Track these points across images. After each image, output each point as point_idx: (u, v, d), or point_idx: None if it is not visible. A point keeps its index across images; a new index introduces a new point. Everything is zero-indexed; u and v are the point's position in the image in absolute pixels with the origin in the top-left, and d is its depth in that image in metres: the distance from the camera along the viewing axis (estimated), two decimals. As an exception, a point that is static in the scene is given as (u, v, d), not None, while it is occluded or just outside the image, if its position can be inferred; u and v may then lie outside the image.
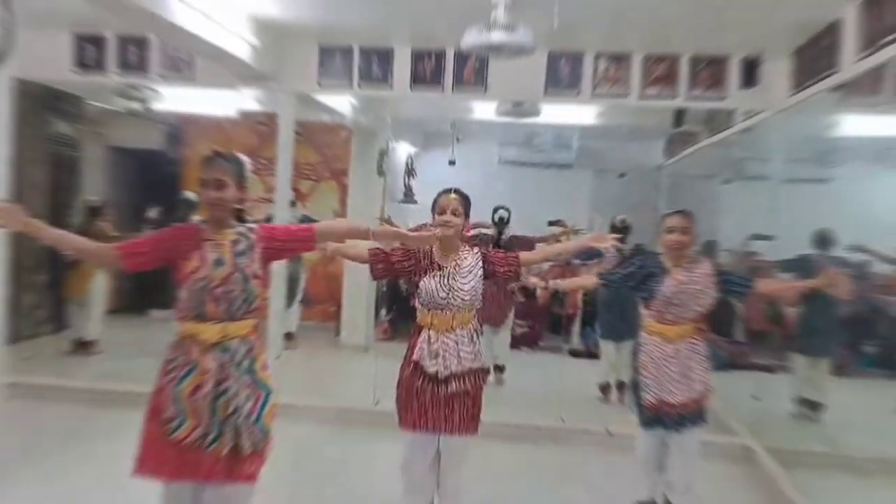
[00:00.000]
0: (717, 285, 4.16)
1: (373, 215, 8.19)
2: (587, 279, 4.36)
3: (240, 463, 2.98)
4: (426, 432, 3.78)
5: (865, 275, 6.10)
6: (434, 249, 3.83)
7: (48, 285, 7.41)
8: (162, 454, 2.99)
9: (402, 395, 3.82)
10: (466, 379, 3.74)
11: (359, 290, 8.63)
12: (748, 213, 6.81)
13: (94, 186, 8.06)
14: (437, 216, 3.80)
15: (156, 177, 9.08)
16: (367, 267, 3.90)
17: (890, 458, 4.14)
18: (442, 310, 3.74)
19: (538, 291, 5.50)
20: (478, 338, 3.85)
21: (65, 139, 7.66)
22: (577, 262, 7.04)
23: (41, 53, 5.97)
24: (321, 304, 9.32)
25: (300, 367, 7.51)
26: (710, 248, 7.78)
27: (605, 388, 6.97)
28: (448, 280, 3.73)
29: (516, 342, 7.80)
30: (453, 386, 3.71)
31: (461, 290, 3.72)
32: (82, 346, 7.62)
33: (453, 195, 3.82)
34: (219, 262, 2.98)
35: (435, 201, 3.86)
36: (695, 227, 4.21)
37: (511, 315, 7.45)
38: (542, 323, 9.11)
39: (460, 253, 3.82)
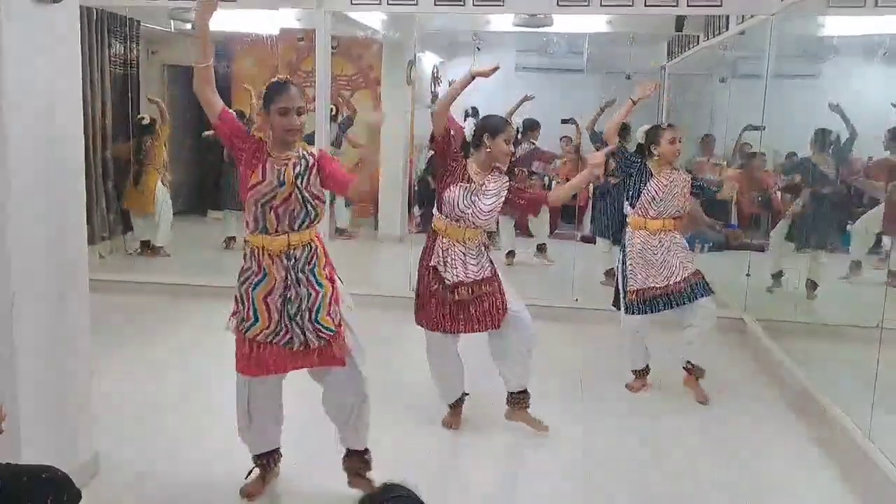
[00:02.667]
0: (692, 190, 4.42)
1: (404, 119, 8.28)
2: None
3: (326, 352, 3.06)
4: (444, 332, 3.82)
5: (850, 161, 6.08)
6: (473, 165, 3.78)
7: (114, 192, 7.53)
8: (241, 353, 3.08)
9: (420, 294, 3.86)
10: (474, 287, 3.74)
11: (394, 188, 8.74)
12: (742, 107, 6.77)
13: (153, 105, 8.09)
14: (503, 144, 3.70)
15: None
16: (399, 168, 3.90)
17: (863, 325, 4.25)
18: (458, 221, 3.72)
19: (554, 185, 5.55)
20: (485, 251, 3.84)
21: (124, 59, 7.66)
22: None
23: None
24: (362, 202, 9.44)
25: (347, 257, 7.68)
26: (707, 140, 7.78)
27: (609, 273, 7.08)
28: (473, 196, 3.69)
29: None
30: (461, 292, 3.72)
31: (481, 209, 3.69)
32: (150, 251, 7.74)
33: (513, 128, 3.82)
34: (280, 182, 2.91)
35: (498, 129, 3.72)
36: None
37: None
38: (557, 213, 9.17)
39: (491, 175, 3.77)
